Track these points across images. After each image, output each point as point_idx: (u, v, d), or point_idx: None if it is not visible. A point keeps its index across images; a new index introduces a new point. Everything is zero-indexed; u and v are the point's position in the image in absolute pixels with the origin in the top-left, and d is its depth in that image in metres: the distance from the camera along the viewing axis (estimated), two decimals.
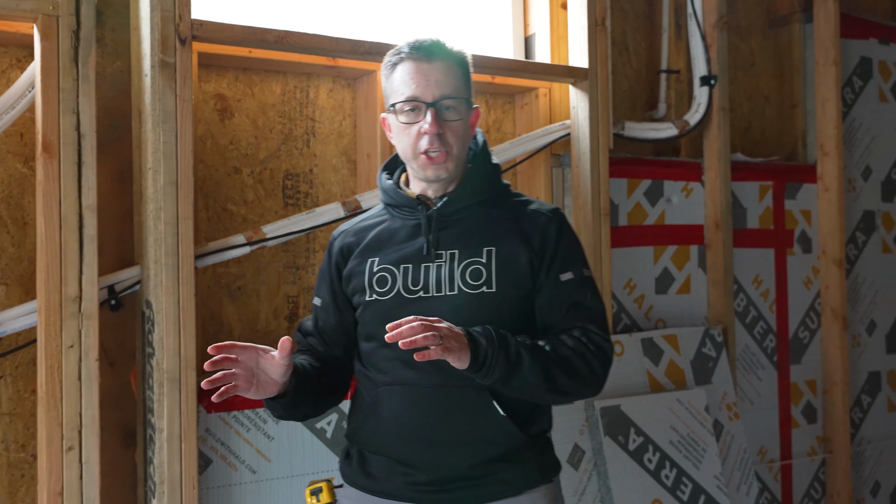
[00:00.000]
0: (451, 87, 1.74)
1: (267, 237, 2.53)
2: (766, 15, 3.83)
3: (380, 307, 1.76)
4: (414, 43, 1.78)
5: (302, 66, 2.74)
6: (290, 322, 2.77)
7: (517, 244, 1.74)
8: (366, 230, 1.87)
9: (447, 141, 1.73)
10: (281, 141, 2.77)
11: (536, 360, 1.61)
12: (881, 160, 3.89)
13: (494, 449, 1.70)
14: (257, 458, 2.49)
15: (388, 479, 1.74)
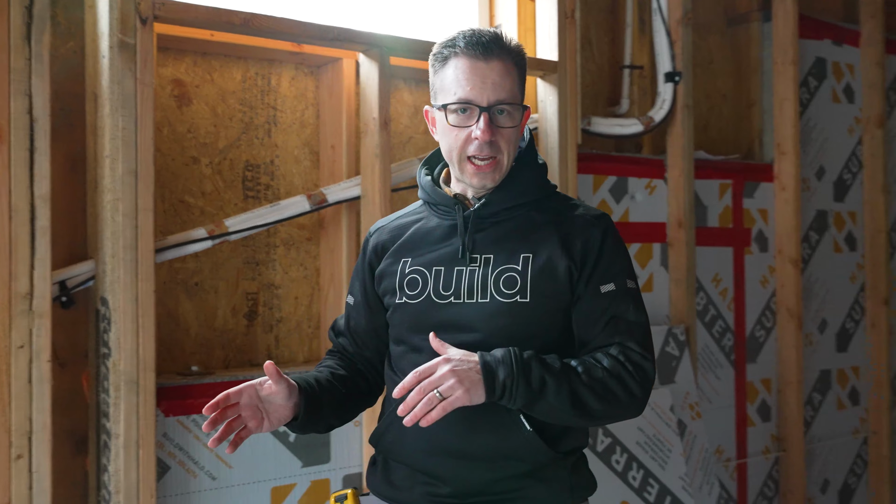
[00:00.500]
0: (507, 91, 1.60)
1: (230, 231, 2.40)
2: (724, 13, 3.82)
3: (409, 310, 1.67)
4: (471, 37, 1.61)
5: (264, 52, 2.61)
6: (249, 320, 2.64)
7: (557, 252, 1.62)
8: (401, 228, 1.76)
9: (499, 147, 1.61)
10: (241, 130, 2.64)
11: (563, 384, 1.50)
12: (833, 160, 3.93)
13: (521, 465, 1.60)
14: (217, 463, 2.37)
15: (411, 488, 1.66)
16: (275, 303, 2.69)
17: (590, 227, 1.63)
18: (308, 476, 2.52)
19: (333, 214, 2.70)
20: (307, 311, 2.75)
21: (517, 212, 1.67)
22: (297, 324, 2.73)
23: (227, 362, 2.60)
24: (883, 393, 3.97)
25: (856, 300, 4.01)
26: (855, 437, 3.98)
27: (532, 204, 1.68)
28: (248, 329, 2.65)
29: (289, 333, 2.72)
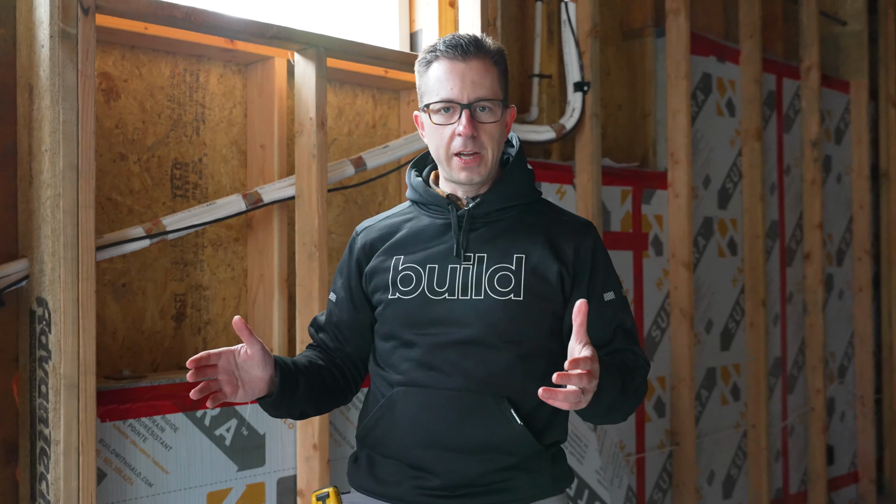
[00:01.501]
0: (486, 88, 1.67)
1: (167, 230, 2.33)
2: (620, 27, 4.00)
3: (403, 306, 1.70)
4: (450, 41, 1.69)
5: (193, 48, 2.55)
6: (178, 322, 2.57)
7: (547, 255, 1.69)
8: (391, 227, 1.80)
9: (481, 143, 1.67)
10: (170, 127, 2.57)
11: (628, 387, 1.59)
12: (718, 170, 4.17)
13: (509, 458, 1.66)
14: (154, 469, 2.29)
15: (398, 483, 1.68)
16: (203, 304, 2.63)
17: (579, 235, 1.72)
18: (244, 480, 2.48)
19: (263, 215, 2.67)
20: (235, 313, 2.70)
21: (509, 213, 1.73)
22: (225, 325, 2.68)
23: (155, 365, 2.52)
24: (760, 388, 4.24)
25: (737, 301, 4.26)
26: (736, 431, 4.23)
27: (523, 206, 1.75)
28: (176, 331, 2.58)
29: (217, 335, 2.66)
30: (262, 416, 2.52)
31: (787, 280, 4.60)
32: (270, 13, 2.77)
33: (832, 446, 4.89)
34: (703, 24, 4.24)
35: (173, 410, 2.34)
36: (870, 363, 5.10)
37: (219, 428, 2.42)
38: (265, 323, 2.67)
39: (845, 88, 5.12)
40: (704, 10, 4.26)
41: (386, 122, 3.11)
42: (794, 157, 4.69)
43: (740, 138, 4.29)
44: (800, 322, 4.70)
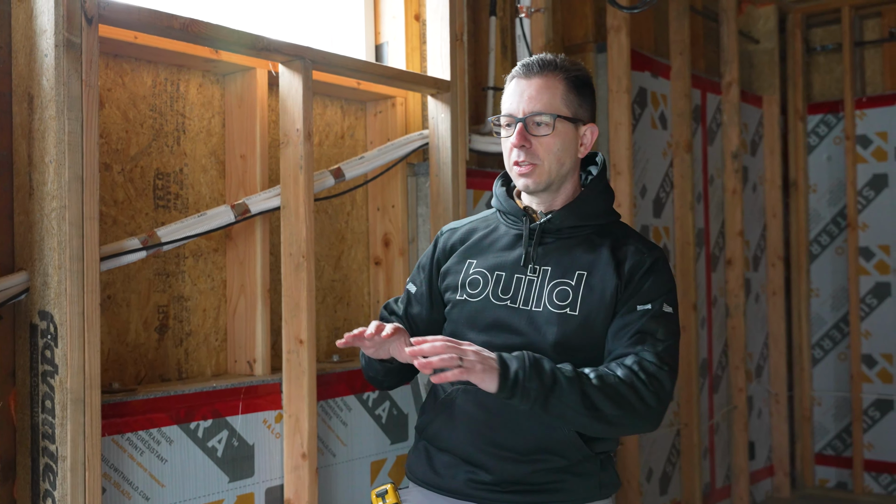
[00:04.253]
0: (543, 103, 1.77)
1: (162, 241, 2.31)
2: (562, 42, 4.14)
3: (467, 308, 1.80)
4: (524, 61, 1.83)
5: (173, 57, 2.54)
6: (161, 334, 2.55)
7: (609, 272, 1.75)
8: (472, 232, 1.90)
9: (535, 154, 1.77)
10: (152, 137, 2.55)
11: (574, 385, 1.59)
12: (653, 181, 4.36)
13: (559, 461, 1.73)
14: (151, 483, 2.27)
15: (453, 476, 1.77)
16: (184, 315, 2.61)
17: (640, 255, 1.78)
18: (234, 491, 2.47)
19: (244, 225, 2.67)
20: (214, 324, 2.69)
21: (580, 232, 1.81)
22: (205, 337, 2.66)
23: (139, 378, 2.49)
24: (692, 389, 4.44)
25: None
26: (670, 430, 4.42)
27: (595, 227, 1.82)
28: (159, 343, 2.55)
29: (197, 347, 2.64)
30: (252, 426, 2.53)
31: (711, 285, 4.84)
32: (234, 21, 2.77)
33: (753, 442, 5.16)
34: (635, 40, 4.42)
35: (168, 423, 2.32)
36: (783, 362, 5.40)
37: (211, 440, 2.42)
38: (247, 333, 2.66)
39: (759, 103, 5.42)
40: (637, 27, 4.44)
41: (354, 132, 3.14)
42: (716, 168, 4.94)
43: (671, 150, 4.49)
44: (723, 324, 4.95)
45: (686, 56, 4.49)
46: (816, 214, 5.62)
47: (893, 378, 5.30)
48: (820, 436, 5.57)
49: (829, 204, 5.58)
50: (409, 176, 3.17)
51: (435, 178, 3.09)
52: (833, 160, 5.55)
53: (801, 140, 5.58)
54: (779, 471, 5.39)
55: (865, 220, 5.41)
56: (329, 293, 3.05)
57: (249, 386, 2.53)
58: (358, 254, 3.15)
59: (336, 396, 2.79)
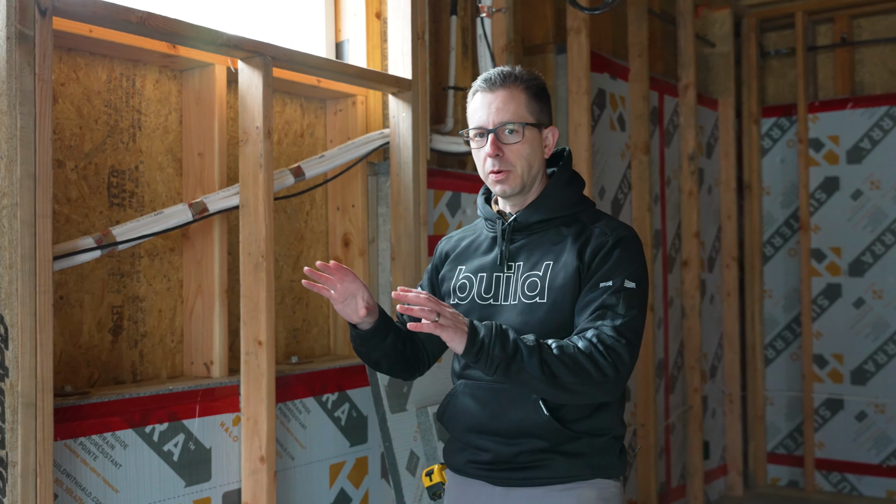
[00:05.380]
0: (510, 113, 1.89)
1: (118, 240, 2.26)
2: (522, 42, 4.13)
3: (459, 311, 1.89)
4: (484, 75, 1.94)
5: (129, 52, 2.48)
6: (115, 335, 2.48)
7: (571, 256, 1.86)
8: (462, 240, 2.07)
9: (508, 161, 1.89)
10: (107, 133, 2.48)
11: (533, 354, 1.70)
12: (611, 182, 4.38)
13: (541, 442, 1.85)
14: (104, 488, 2.22)
15: (460, 457, 1.97)
16: (139, 316, 2.55)
17: (603, 237, 1.87)
18: (191, 496, 2.42)
19: (201, 224, 2.61)
20: (170, 325, 2.63)
21: (548, 225, 1.93)
22: (161, 338, 2.61)
23: (92, 381, 2.43)
24: (649, 389, 4.47)
25: None
26: (628, 429, 4.44)
27: (563, 219, 1.93)
28: (113, 345, 2.49)
29: (153, 348, 2.59)
30: (209, 430, 2.48)
31: (668, 286, 4.87)
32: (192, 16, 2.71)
33: (707, 441, 5.21)
34: (594, 41, 4.44)
35: (123, 427, 2.26)
36: (737, 363, 5.46)
37: (167, 443, 2.36)
38: (204, 335, 2.61)
39: (714, 106, 5.47)
40: (596, 29, 4.46)
41: (313, 131, 3.10)
42: (673, 170, 4.97)
43: (629, 151, 4.51)
44: (679, 325, 4.99)
45: (644, 58, 4.51)
46: (770, 216, 5.69)
47: (844, 378, 5.39)
48: (772, 435, 5.64)
49: (782, 206, 5.65)
50: (370, 175, 3.14)
51: (396, 177, 3.06)
52: (786, 163, 5.63)
53: (756, 143, 5.65)
54: (732, 470, 5.45)
55: (817, 222, 5.49)
56: (288, 294, 3.00)
57: (207, 388, 2.48)
58: (317, 254, 3.11)
59: (295, 398, 2.75)
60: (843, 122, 5.41)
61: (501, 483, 1.91)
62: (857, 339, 5.36)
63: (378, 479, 2.99)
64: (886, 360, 5.27)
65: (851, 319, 5.38)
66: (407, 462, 2.81)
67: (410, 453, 2.83)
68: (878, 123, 5.31)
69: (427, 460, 2.86)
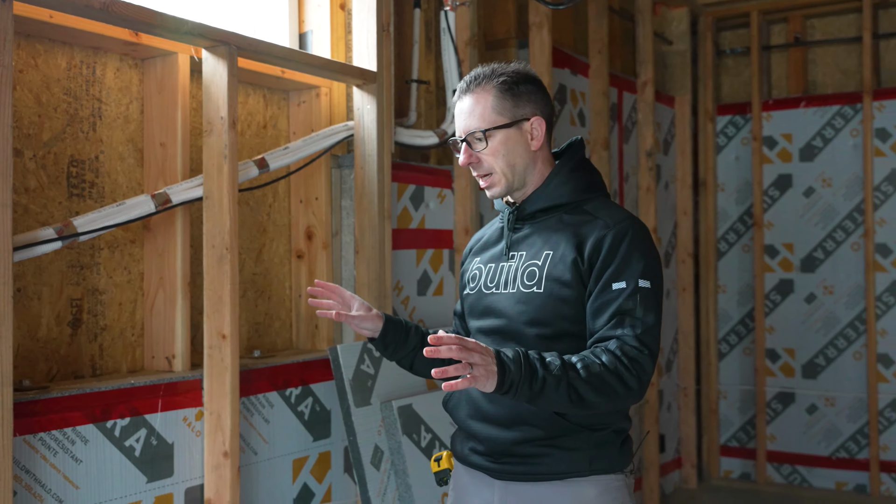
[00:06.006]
0: (475, 118, 1.88)
1: (79, 231, 2.21)
2: (484, 37, 4.13)
3: (469, 300, 2.00)
4: (463, 81, 1.93)
5: (90, 39, 2.43)
6: (74, 329, 2.43)
7: (569, 248, 1.83)
8: (483, 235, 2.10)
9: (484, 166, 1.89)
10: (66, 122, 2.43)
11: (561, 383, 1.65)
12: None
13: (536, 431, 1.83)
14: (65, 485, 2.17)
15: (461, 446, 1.98)
16: (99, 309, 2.50)
17: (604, 230, 1.82)
18: (153, 492, 2.38)
19: (163, 216, 2.57)
20: (131, 318, 2.58)
21: (550, 214, 1.91)
22: (121, 332, 2.56)
23: (50, 375, 2.37)
24: None
25: None
26: None
27: (566, 207, 1.90)
28: (72, 338, 2.43)
29: (113, 342, 2.54)
30: (172, 425, 2.44)
31: None
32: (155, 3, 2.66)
33: (663, 435, 5.27)
34: (556, 37, 4.45)
35: (84, 422, 2.22)
36: (692, 357, 5.53)
37: (129, 439, 2.32)
38: (166, 327, 2.57)
39: (671, 103, 5.53)
40: (558, 25, 4.47)
41: (276, 122, 3.07)
42: (631, 166, 5.01)
43: (589, 147, 4.54)
44: None
45: (604, 55, 4.54)
46: (724, 213, 5.77)
47: (795, 372, 5.49)
48: (725, 428, 5.73)
49: (736, 203, 5.73)
50: (333, 168, 3.12)
51: (360, 170, 3.04)
52: (741, 160, 5.71)
53: (711, 140, 5.72)
54: (686, 463, 5.52)
55: (771, 218, 5.58)
56: (250, 287, 2.97)
57: (169, 382, 2.44)
58: (280, 247, 3.08)
59: (258, 393, 2.72)
60: (797, 120, 5.50)
61: (500, 476, 1.90)
62: (808, 333, 5.46)
63: (341, 473, 2.97)
64: (836, 355, 5.38)
65: (803, 315, 5.48)
66: (371, 456, 2.80)
67: (375, 447, 2.82)
68: (830, 122, 5.41)
69: (391, 454, 2.85)
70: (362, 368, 2.88)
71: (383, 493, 2.79)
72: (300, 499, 2.82)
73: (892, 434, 5.17)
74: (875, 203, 5.25)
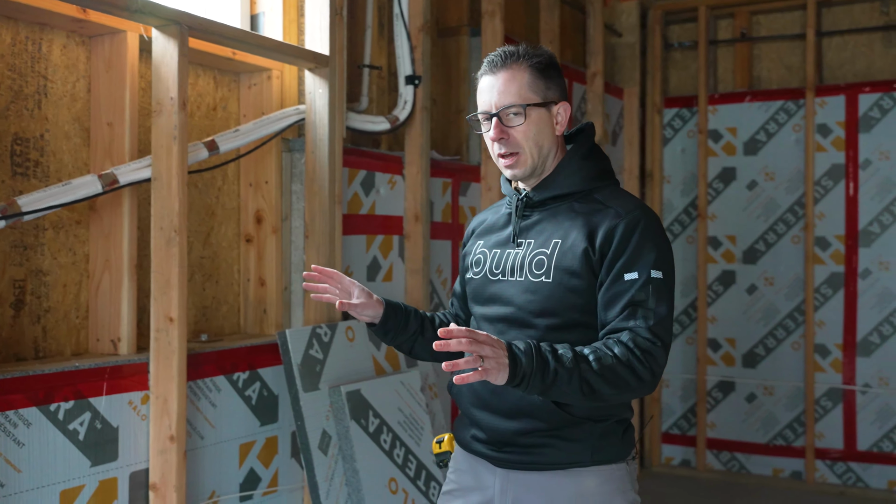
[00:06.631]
0: (512, 95, 1.84)
1: (23, 211, 2.16)
2: (436, 24, 4.13)
3: (472, 284, 1.98)
4: (489, 56, 1.90)
5: (37, 14, 2.38)
6: (16, 310, 2.39)
7: (580, 237, 1.82)
8: (486, 217, 2.08)
9: (514, 143, 1.85)
10: (10, 99, 2.38)
11: (573, 376, 1.65)
12: None
13: (538, 423, 1.83)
14: (6, 468, 2.13)
15: (464, 431, 1.99)
16: (43, 291, 2.46)
17: (616, 219, 1.81)
18: (97, 476, 2.35)
19: (110, 197, 2.53)
20: (75, 300, 2.54)
21: (560, 202, 1.90)
22: (65, 314, 2.52)
23: None
24: None
25: None
26: None
27: (577, 195, 1.90)
28: (14, 320, 2.39)
29: (56, 324, 2.49)
30: (116, 408, 2.41)
31: None
32: None
33: None
34: (508, 26, 4.47)
35: (26, 405, 2.18)
36: None
37: (72, 422, 2.29)
38: (112, 310, 2.53)
39: (620, 94, 5.59)
40: (510, 14, 4.49)
41: (226, 104, 3.03)
42: None
43: None
44: None
45: (556, 45, 4.57)
46: (670, 204, 5.85)
47: (736, 361, 5.61)
48: (667, 416, 5.83)
49: (682, 194, 5.82)
50: (284, 152, 3.10)
51: (311, 154, 3.03)
52: (687, 153, 5.80)
53: (658, 132, 5.80)
54: None
55: (714, 210, 5.68)
56: (198, 270, 2.94)
57: (115, 366, 2.40)
58: (228, 230, 3.05)
59: (205, 377, 2.70)
60: (741, 114, 5.60)
61: (502, 465, 1.90)
62: (749, 324, 5.58)
63: (288, 458, 2.96)
64: (776, 345, 5.51)
65: (744, 305, 5.60)
66: (319, 441, 2.80)
67: (322, 432, 2.82)
68: (774, 117, 5.52)
69: (339, 439, 2.85)
70: (311, 353, 2.87)
71: (331, 477, 2.79)
72: (247, 483, 2.81)
73: (828, 422, 5.32)
74: (815, 197, 5.37)
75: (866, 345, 5.25)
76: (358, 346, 3.08)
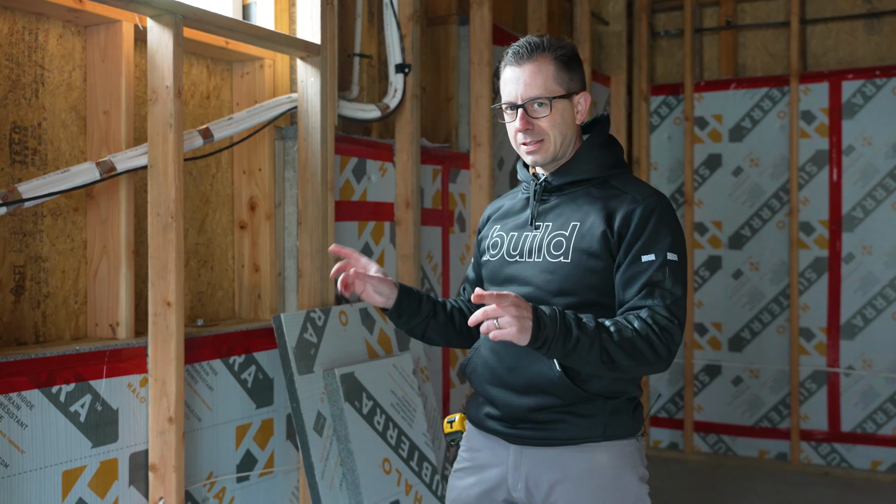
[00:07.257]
0: (538, 87, 1.92)
1: (24, 198, 2.21)
2: (425, 13, 4.18)
3: (490, 266, 2.03)
4: (514, 48, 1.97)
5: (33, 4, 2.42)
6: (17, 296, 2.43)
7: (599, 220, 1.89)
8: (503, 202, 2.15)
9: (539, 132, 1.92)
10: (8, 88, 2.42)
11: (595, 342, 1.74)
12: (510, 153, 4.48)
13: (552, 399, 1.90)
14: (10, 449, 2.18)
15: (477, 409, 2.05)
16: (42, 277, 2.50)
17: (633, 204, 1.90)
18: (97, 457, 2.41)
19: (107, 184, 2.58)
20: (74, 286, 2.59)
21: (578, 187, 1.97)
22: (64, 299, 2.56)
23: None
24: None
25: None
26: None
27: (594, 181, 1.97)
28: (15, 306, 2.43)
29: (56, 309, 2.54)
30: (116, 391, 2.46)
31: None
32: None
33: None
34: (496, 15, 4.52)
35: (29, 387, 2.23)
36: None
37: (73, 404, 2.34)
38: (110, 296, 2.58)
39: (607, 82, 5.65)
40: (498, 3, 4.54)
41: (219, 93, 3.08)
42: None
43: None
44: None
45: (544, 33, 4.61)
46: None
47: (722, 345, 5.69)
48: (655, 399, 5.91)
49: (668, 181, 5.89)
50: (277, 140, 3.14)
51: (303, 142, 3.08)
52: (673, 140, 5.87)
53: (645, 120, 5.86)
54: None
55: (701, 197, 5.75)
56: (193, 256, 2.99)
57: (114, 349, 2.46)
58: (222, 217, 3.10)
59: (202, 360, 2.75)
60: (727, 101, 5.68)
61: (515, 441, 1.96)
62: (734, 308, 5.66)
63: (283, 440, 3.02)
64: (761, 328, 5.59)
65: (730, 290, 5.68)
66: (314, 423, 2.85)
67: (317, 414, 2.88)
68: (759, 104, 5.60)
69: (333, 421, 2.91)
70: (305, 337, 2.93)
71: (326, 458, 2.85)
72: (243, 465, 2.87)
73: (812, 404, 5.41)
74: (800, 183, 5.45)
75: (850, 328, 5.35)
76: (351, 329, 3.13)
